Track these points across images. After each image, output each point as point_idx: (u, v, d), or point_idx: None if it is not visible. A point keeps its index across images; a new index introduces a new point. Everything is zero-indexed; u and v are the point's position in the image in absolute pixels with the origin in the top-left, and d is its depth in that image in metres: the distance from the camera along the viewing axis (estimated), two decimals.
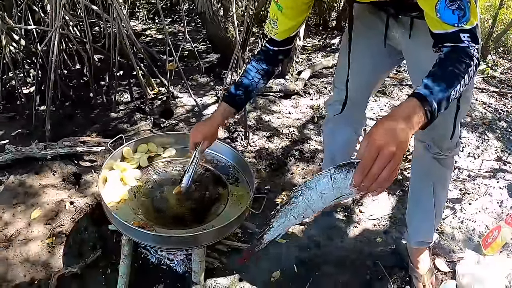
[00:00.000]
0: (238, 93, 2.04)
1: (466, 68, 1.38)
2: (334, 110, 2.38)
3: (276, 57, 2.03)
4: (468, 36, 1.41)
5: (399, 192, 3.09)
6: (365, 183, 1.20)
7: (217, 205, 2.21)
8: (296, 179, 3.18)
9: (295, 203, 1.43)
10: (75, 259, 2.43)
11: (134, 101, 3.88)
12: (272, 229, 1.55)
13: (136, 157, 2.38)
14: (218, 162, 2.48)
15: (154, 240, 1.92)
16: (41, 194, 2.81)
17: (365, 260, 2.53)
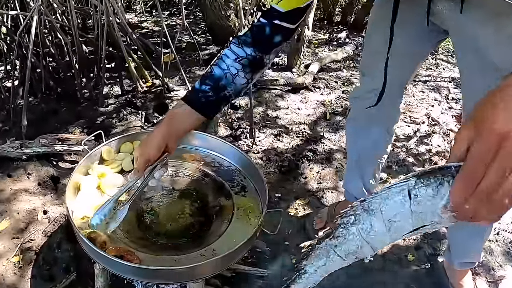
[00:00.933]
0: (203, 88, 1.39)
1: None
2: (366, 103, 1.87)
3: (271, 38, 1.37)
4: None
5: None
6: (472, 204, 0.64)
7: (219, 222, 1.72)
8: (311, 184, 2.68)
9: (345, 237, 0.86)
10: (45, 283, 1.96)
11: (125, 94, 3.38)
12: (305, 276, 0.95)
13: (119, 159, 1.87)
14: (220, 166, 1.96)
15: (136, 273, 1.40)
16: (12, 200, 2.32)
17: (397, 284, 2.12)
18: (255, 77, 1.48)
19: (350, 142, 2.15)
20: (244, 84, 1.44)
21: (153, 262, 1.44)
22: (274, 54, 1.45)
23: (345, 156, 2.88)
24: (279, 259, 2.16)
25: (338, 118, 3.27)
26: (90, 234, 1.44)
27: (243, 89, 1.45)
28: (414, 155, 3.00)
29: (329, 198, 2.57)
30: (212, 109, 1.45)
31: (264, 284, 2.04)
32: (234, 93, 1.44)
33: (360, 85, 1.94)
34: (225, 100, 1.44)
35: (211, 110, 1.45)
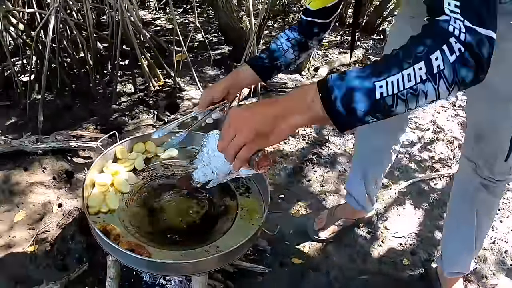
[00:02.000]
0: (261, 56, 1.70)
1: (423, 53, 0.93)
2: None
3: (310, 28, 1.69)
4: (456, 4, 0.92)
5: (425, 205, 2.73)
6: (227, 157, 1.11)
7: (224, 220, 1.83)
8: (313, 187, 2.79)
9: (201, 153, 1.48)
10: (58, 272, 2.09)
11: (137, 92, 3.50)
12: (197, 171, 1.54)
13: (131, 158, 1.99)
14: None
15: (146, 266, 1.53)
16: (28, 193, 2.46)
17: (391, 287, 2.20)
18: (302, 55, 1.76)
19: (357, 146, 2.26)
20: (293, 59, 1.73)
21: (161, 256, 1.57)
22: (317, 41, 1.74)
23: (348, 160, 2.98)
24: (279, 257, 2.26)
25: None
26: (104, 227, 1.58)
27: (291, 63, 1.74)
28: (416, 161, 3.06)
29: (330, 200, 2.66)
30: (266, 74, 1.71)
31: (264, 281, 2.13)
32: (284, 64, 1.72)
33: None
34: (277, 68, 1.72)
35: (266, 75, 1.71)
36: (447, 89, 0.93)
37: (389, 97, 0.95)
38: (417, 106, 0.99)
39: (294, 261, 2.26)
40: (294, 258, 2.28)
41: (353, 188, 2.30)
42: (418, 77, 0.93)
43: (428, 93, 0.95)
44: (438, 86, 0.93)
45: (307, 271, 2.22)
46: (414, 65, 0.93)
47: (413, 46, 0.95)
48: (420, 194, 2.79)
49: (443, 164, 3.08)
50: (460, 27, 0.91)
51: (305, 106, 1.01)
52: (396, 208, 2.65)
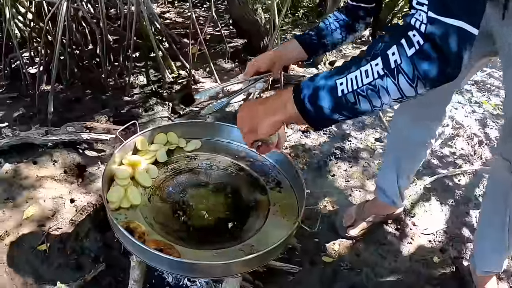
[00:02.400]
0: (310, 33, 1.64)
1: (380, 49, 0.95)
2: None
3: (356, 12, 1.64)
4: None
5: (451, 201, 2.57)
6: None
7: (255, 217, 1.68)
8: (338, 182, 2.61)
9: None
10: (72, 273, 1.90)
11: (150, 84, 3.31)
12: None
13: (153, 150, 1.81)
14: (254, 160, 1.91)
15: (178, 267, 1.35)
16: (38, 187, 2.27)
17: (424, 286, 2.05)
18: (349, 37, 1.70)
19: (391, 138, 2.11)
20: (339, 39, 1.67)
21: (192, 256, 1.39)
22: (363, 24, 1.68)
23: (371, 155, 2.83)
24: (309, 255, 2.11)
25: (363, 117, 3.19)
26: (128, 225, 1.40)
27: (338, 43, 1.69)
28: (438, 157, 2.92)
29: (357, 196, 2.51)
30: (313, 50, 1.66)
31: (295, 280, 1.98)
32: (331, 44, 1.67)
33: None
34: (324, 47, 1.67)
35: (312, 51, 1.66)
36: (410, 85, 0.93)
37: (350, 94, 1.00)
38: (383, 104, 0.99)
39: (325, 259, 2.11)
40: (324, 256, 2.13)
41: (385, 182, 2.17)
42: (375, 73, 0.95)
43: (389, 89, 0.95)
44: (398, 82, 0.93)
45: (339, 269, 2.08)
46: (371, 61, 0.96)
47: (374, 44, 0.97)
48: (445, 190, 2.65)
49: (464, 160, 2.94)
50: (423, 18, 0.89)
51: (283, 105, 1.13)
52: (422, 204, 2.51)
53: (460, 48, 0.87)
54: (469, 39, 0.88)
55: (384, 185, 2.17)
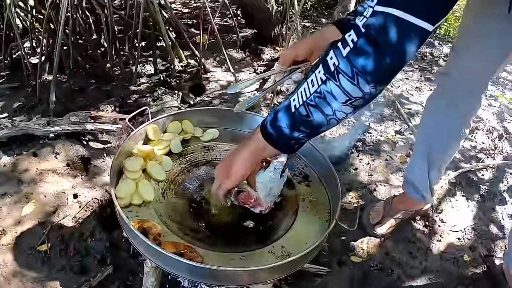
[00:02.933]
0: (348, 17, 1.40)
1: (322, 58, 1.02)
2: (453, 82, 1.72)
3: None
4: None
5: (477, 197, 2.39)
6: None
7: (284, 214, 1.46)
8: (361, 176, 2.40)
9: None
10: (76, 277, 1.69)
11: (158, 73, 3.08)
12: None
13: (166, 140, 1.59)
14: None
15: (200, 274, 1.12)
16: (38, 182, 2.05)
17: (456, 286, 1.89)
18: None
19: (426, 123, 1.91)
20: None
21: (215, 259, 1.17)
22: None
23: (393, 148, 2.62)
24: (337, 255, 1.91)
25: (382, 109, 2.98)
26: (140, 225, 1.17)
27: None
28: (460, 151, 2.71)
29: (381, 191, 2.30)
30: None
31: (323, 283, 1.78)
32: None
33: (451, 61, 1.73)
34: None
35: None
36: (352, 83, 0.93)
37: (301, 107, 1.03)
38: (335, 111, 1.00)
39: (354, 259, 1.92)
40: (353, 256, 1.93)
41: (415, 175, 1.97)
42: (319, 80, 0.99)
43: (334, 93, 0.97)
44: (340, 83, 0.95)
45: (369, 270, 1.88)
46: (315, 70, 1.00)
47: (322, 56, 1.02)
48: (470, 185, 2.47)
49: (486, 154, 2.75)
50: (368, 13, 0.91)
51: (252, 138, 1.17)
52: (449, 200, 2.34)
53: (401, 40, 0.87)
54: (415, 31, 0.87)
55: (414, 179, 1.97)
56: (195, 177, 1.53)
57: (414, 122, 2.86)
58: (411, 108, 3.02)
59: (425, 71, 3.62)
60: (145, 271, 1.30)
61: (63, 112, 2.49)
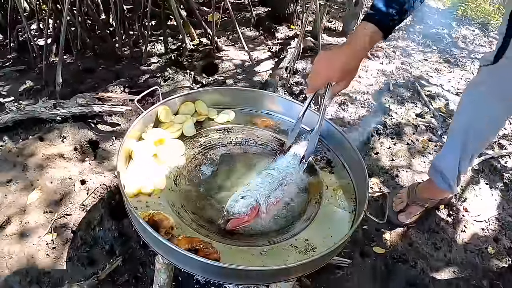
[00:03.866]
0: (390, 12, 1.26)
1: None
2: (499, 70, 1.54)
3: None
4: None
5: (500, 185, 2.27)
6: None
7: (306, 204, 1.33)
8: (383, 160, 2.27)
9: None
10: (84, 268, 1.57)
11: (169, 53, 2.95)
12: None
13: (178, 122, 1.47)
14: (298, 134, 1.53)
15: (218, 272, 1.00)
16: (44, 167, 1.93)
17: (481, 280, 1.79)
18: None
19: (464, 112, 1.74)
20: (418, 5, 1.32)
21: (234, 256, 1.05)
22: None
23: (414, 132, 2.48)
24: (359, 246, 1.79)
25: (402, 90, 2.83)
26: (151, 217, 1.05)
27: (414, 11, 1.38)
28: None
29: (404, 177, 2.17)
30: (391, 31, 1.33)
31: (344, 275, 1.66)
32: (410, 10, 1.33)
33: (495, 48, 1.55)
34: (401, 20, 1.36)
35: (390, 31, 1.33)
36: None
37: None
38: None
39: (376, 250, 1.79)
40: (375, 246, 1.81)
41: (444, 164, 1.83)
42: None
43: None
44: None
45: (392, 262, 1.76)
46: None
47: None
48: (493, 172, 2.33)
49: (508, 140, 2.60)
50: None
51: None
52: (472, 188, 2.20)
53: None
54: None
55: (443, 167, 1.83)
56: (210, 162, 1.41)
57: (435, 105, 2.71)
58: (431, 90, 2.87)
59: (444, 52, 3.46)
60: (156, 267, 1.19)
61: (70, 94, 2.36)
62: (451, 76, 3.15)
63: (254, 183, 1.27)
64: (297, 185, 1.38)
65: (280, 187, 1.30)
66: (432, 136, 2.44)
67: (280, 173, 1.32)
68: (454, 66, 3.30)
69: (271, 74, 2.67)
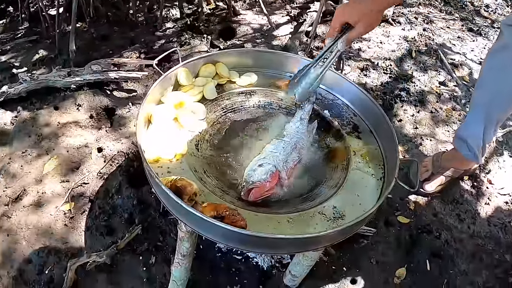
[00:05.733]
0: None
1: None
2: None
3: None
4: None
5: None
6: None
7: (332, 169, 1.28)
8: (406, 128, 2.19)
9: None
10: (102, 237, 1.54)
11: (185, 18, 2.84)
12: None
13: (199, 85, 1.40)
14: (323, 98, 1.49)
15: (245, 241, 0.95)
16: (60, 136, 1.88)
17: (504, 254, 1.74)
18: None
19: (487, 78, 1.66)
20: None
21: (261, 223, 1.00)
22: None
23: (437, 100, 2.39)
24: (383, 214, 1.74)
25: (424, 58, 2.73)
26: (173, 183, 0.99)
27: None
28: None
29: (428, 146, 2.09)
30: None
31: (369, 245, 1.62)
32: None
33: None
34: None
35: None
36: None
37: None
38: None
39: (401, 219, 1.74)
40: (400, 216, 1.75)
41: (469, 132, 1.77)
42: None
43: None
44: None
45: (416, 233, 1.71)
46: None
47: None
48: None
49: None
50: None
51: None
52: (496, 160, 2.13)
53: None
54: None
55: (467, 136, 1.77)
56: (232, 125, 1.35)
57: (458, 74, 2.61)
58: (454, 58, 2.76)
59: (466, 20, 3.33)
60: (179, 236, 1.13)
61: (85, 62, 2.29)
62: (474, 45, 3.03)
63: (268, 150, 1.21)
64: (313, 148, 1.33)
65: (294, 150, 1.25)
66: (456, 105, 2.35)
67: (292, 138, 1.27)
68: (477, 35, 3.18)
69: (291, 38, 2.58)
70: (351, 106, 1.46)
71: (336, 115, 1.42)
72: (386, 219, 1.73)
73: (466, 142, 1.76)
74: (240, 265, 1.46)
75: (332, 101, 1.47)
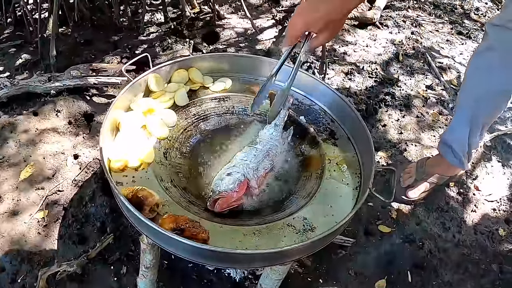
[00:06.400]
0: None
1: None
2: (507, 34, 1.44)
3: None
4: None
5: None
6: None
7: (306, 179, 1.24)
8: (391, 133, 2.15)
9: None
10: (74, 245, 1.50)
11: (169, 22, 2.81)
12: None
13: (170, 91, 1.37)
14: (300, 104, 1.44)
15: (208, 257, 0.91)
16: (37, 143, 1.85)
17: (491, 263, 1.71)
18: None
19: (472, 80, 1.63)
20: None
21: (225, 235, 0.96)
22: None
23: (424, 104, 2.36)
24: (363, 223, 1.69)
25: (412, 61, 2.70)
26: (134, 194, 0.95)
27: None
28: None
29: (412, 152, 2.05)
30: None
31: (347, 256, 1.58)
32: None
33: (504, 12, 1.45)
34: None
35: None
36: None
37: None
38: None
39: (382, 229, 1.69)
40: (381, 225, 1.71)
41: (454, 137, 1.74)
42: None
43: None
44: None
45: (398, 243, 1.66)
46: None
47: None
48: (506, 149, 2.20)
49: None
50: None
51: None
52: (484, 165, 2.09)
53: None
54: None
55: (452, 141, 1.74)
56: (203, 133, 1.31)
57: (446, 77, 2.58)
58: (442, 62, 2.73)
59: (456, 23, 3.30)
60: (141, 248, 1.09)
61: (67, 67, 2.25)
62: (463, 48, 3.00)
63: (238, 158, 1.17)
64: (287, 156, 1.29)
65: (267, 158, 1.21)
66: (443, 109, 2.31)
67: (265, 146, 1.23)
68: (466, 39, 3.15)
69: (274, 42, 2.56)
70: (329, 112, 1.42)
71: (313, 121, 1.38)
72: (366, 229, 1.69)
73: (451, 148, 1.73)
74: (212, 277, 1.41)
75: (309, 107, 1.43)
